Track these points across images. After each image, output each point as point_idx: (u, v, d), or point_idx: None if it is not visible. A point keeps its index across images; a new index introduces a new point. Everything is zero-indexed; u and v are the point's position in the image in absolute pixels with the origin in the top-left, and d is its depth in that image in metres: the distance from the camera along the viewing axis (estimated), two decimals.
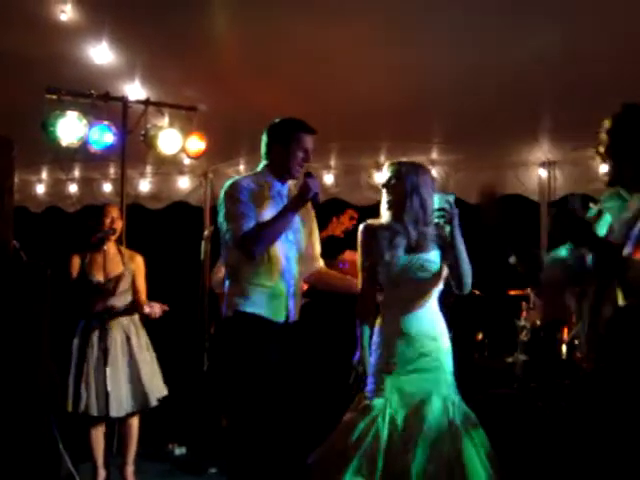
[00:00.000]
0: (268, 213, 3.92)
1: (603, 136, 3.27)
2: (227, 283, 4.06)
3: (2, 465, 3.90)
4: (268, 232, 3.85)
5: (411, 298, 4.03)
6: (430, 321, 4.03)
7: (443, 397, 3.92)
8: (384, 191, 4.14)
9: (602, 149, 3.28)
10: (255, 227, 3.83)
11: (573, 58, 5.52)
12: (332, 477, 3.82)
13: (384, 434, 3.82)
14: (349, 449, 3.84)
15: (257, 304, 3.91)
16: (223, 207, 3.96)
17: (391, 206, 4.09)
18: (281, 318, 3.99)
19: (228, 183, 4.02)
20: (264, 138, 4.14)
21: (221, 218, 3.98)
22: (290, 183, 4.20)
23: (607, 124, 3.25)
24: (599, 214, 3.34)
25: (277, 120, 4.13)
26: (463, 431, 3.86)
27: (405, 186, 4.02)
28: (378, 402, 3.92)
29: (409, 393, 3.91)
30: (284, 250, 4.02)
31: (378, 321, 4.12)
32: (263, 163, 4.15)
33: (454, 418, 3.88)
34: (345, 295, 4.21)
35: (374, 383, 4.00)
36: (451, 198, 3.88)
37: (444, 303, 4.17)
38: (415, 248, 4.01)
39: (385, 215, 4.14)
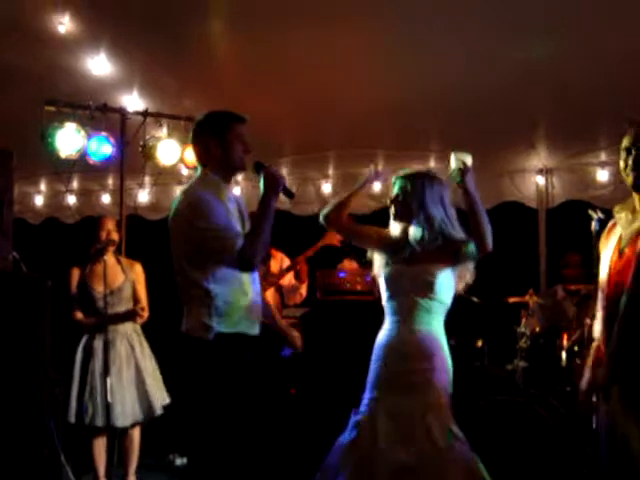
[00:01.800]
0: (232, 218, 3.69)
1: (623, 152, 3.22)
2: (191, 303, 3.71)
3: (4, 477, 3.90)
4: (261, 240, 3.61)
5: (405, 311, 4.00)
6: (423, 337, 3.95)
7: (430, 421, 3.82)
8: (392, 205, 4.15)
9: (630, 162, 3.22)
10: (247, 240, 3.58)
11: (568, 67, 5.55)
12: None
13: (367, 450, 3.83)
14: (340, 467, 3.87)
15: (236, 323, 3.66)
16: (195, 230, 3.63)
17: (398, 219, 4.12)
18: (256, 330, 3.78)
19: (186, 204, 3.73)
20: (194, 137, 3.85)
21: (193, 241, 3.66)
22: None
23: (626, 142, 3.21)
24: (614, 225, 3.34)
25: (202, 117, 3.84)
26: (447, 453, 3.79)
27: (411, 203, 4.03)
28: (364, 419, 3.93)
29: (395, 413, 3.86)
30: None
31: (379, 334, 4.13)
32: (200, 168, 3.83)
33: (438, 441, 3.78)
34: (348, 303, 4.16)
35: (366, 398, 4.01)
36: (468, 159, 3.84)
37: None
38: (416, 261, 4.01)
39: (394, 228, 4.16)
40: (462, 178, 3.82)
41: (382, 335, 4.09)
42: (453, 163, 3.86)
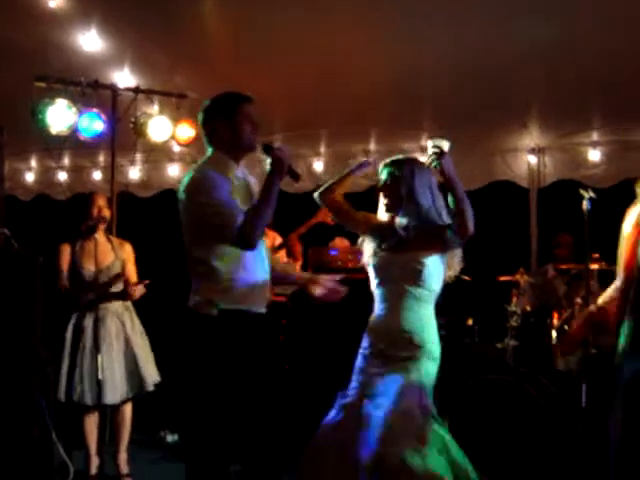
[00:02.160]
0: (236, 197, 3.70)
1: None
2: (198, 280, 3.76)
3: None
4: (262, 218, 3.64)
5: (394, 299, 4.00)
6: (411, 325, 3.95)
7: (408, 419, 3.83)
8: (381, 193, 4.15)
9: None
10: (247, 218, 3.60)
11: (561, 47, 5.54)
12: (314, 475, 3.91)
13: (351, 435, 3.84)
14: (325, 448, 3.90)
15: (240, 299, 3.69)
16: (197, 206, 3.67)
17: (388, 209, 4.12)
18: (262, 308, 3.81)
19: (191, 181, 3.73)
20: (203, 121, 3.90)
21: (195, 217, 3.70)
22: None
23: None
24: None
25: (210, 100, 3.90)
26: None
27: (400, 189, 4.03)
28: (349, 404, 3.95)
29: (378, 402, 3.86)
30: None
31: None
32: (211, 149, 3.87)
33: (415, 442, 3.78)
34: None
35: (353, 382, 4.03)
36: (445, 145, 3.89)
37: None
38: (405, 248, 4.01)
39: (383, 217, 4.18)
40: (439, 162, 3.84)
41: (371, 322, 4.10)
42: (430, 149, 3.90)
